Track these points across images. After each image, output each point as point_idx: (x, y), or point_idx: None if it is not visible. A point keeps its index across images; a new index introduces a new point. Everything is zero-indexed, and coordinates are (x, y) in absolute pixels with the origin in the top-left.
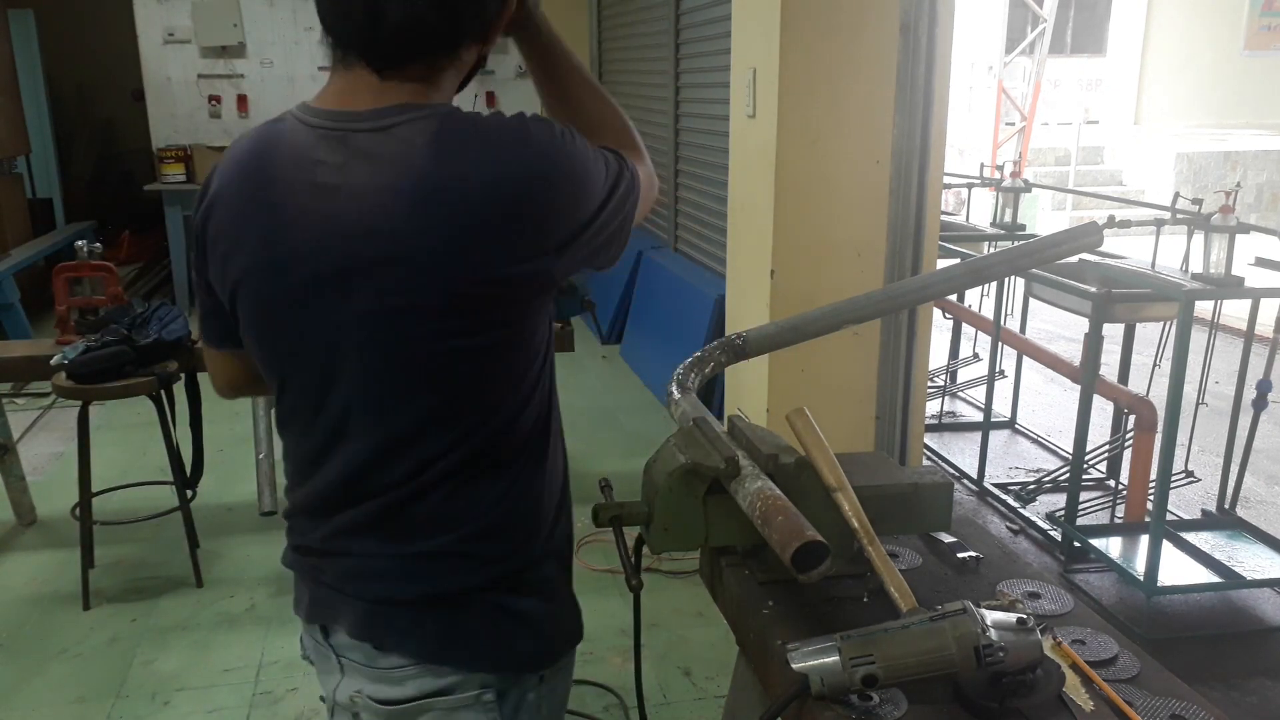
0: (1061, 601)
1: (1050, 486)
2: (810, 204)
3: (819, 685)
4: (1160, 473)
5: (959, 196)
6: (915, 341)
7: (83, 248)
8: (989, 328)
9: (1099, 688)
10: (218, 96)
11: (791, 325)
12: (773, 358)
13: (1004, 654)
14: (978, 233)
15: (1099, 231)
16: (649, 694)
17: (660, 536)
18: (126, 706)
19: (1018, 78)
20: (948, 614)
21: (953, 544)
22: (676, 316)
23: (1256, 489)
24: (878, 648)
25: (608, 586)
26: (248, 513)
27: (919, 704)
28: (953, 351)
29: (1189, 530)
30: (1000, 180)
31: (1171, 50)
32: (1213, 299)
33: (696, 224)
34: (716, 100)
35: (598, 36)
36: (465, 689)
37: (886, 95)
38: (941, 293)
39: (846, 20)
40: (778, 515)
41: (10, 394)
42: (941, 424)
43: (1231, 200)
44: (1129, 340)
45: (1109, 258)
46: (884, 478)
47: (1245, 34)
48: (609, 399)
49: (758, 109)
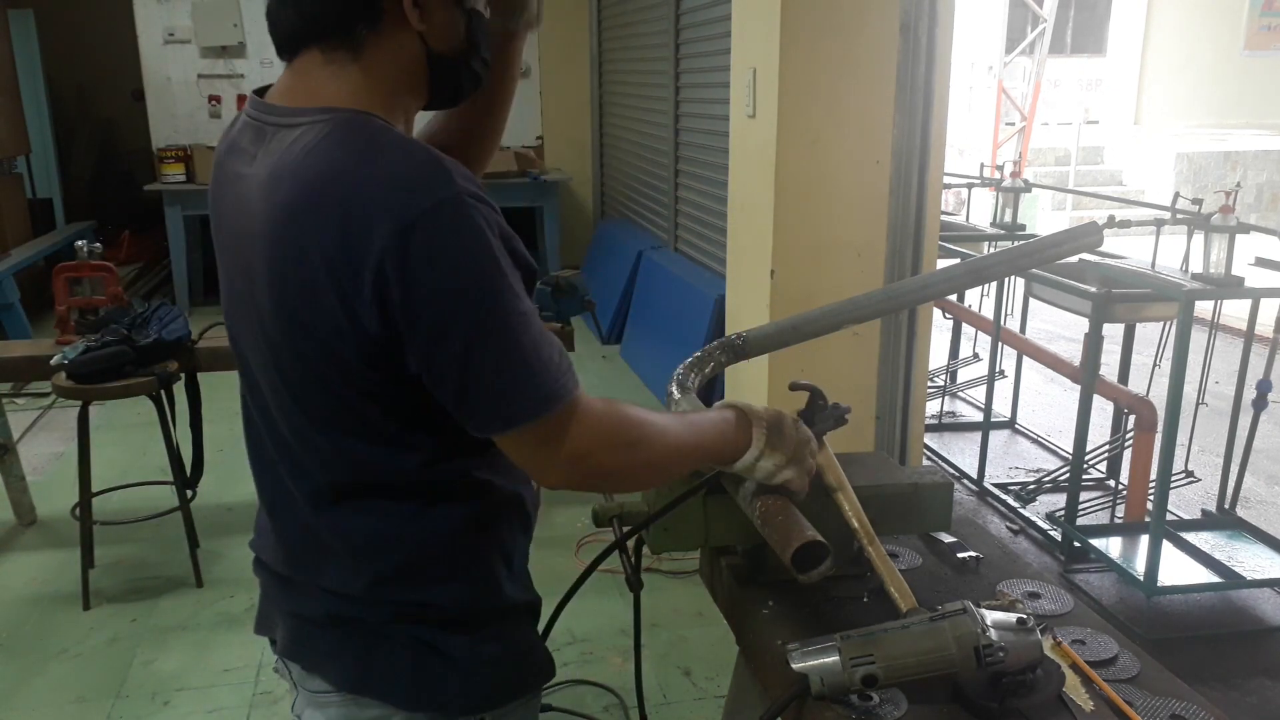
0: (1061, 601)
1: (1050, 486)
2: (810, 204)
3: (819, 685)
4: (1160, 473)
5: (959, 196)
6: (915, 341)
7: (83, 248)
8: (989, 328)
9: (1099, 688)
10: (218, 96)
11: (791, 325)
12: (773, 358)
13: (1004, 654)
14: (978, 233)
15: (1099, 231)
16: (649, 694)
17: (660, 536)
18: (126, 706)
19: (1018, 78)
20: (948, 614)
21: (953, 544)
22: (676, 316)
23: (1256, 489)
24: (878, 648)
25: (608, 586)
26: (248, 513)
27: (919, 704)
28: (953, 351)
29: (1189, 530)
30: (1000, 180)
31: (1171, 50)
32: (1213, 299)
33: (696, 224)
34: (716, 100)
35: (598, 36)
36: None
37: (886, 95)
38: (941, 293)
39: (846, 20)
40: (778, 516)
41: (10, 394)
42: (941, 424)
43: (1231, 200)
44: (1129, 340)
45: (1109, 258)
46: (884, 478)
47: (1245, 34)
48: None
49: (758, 109)
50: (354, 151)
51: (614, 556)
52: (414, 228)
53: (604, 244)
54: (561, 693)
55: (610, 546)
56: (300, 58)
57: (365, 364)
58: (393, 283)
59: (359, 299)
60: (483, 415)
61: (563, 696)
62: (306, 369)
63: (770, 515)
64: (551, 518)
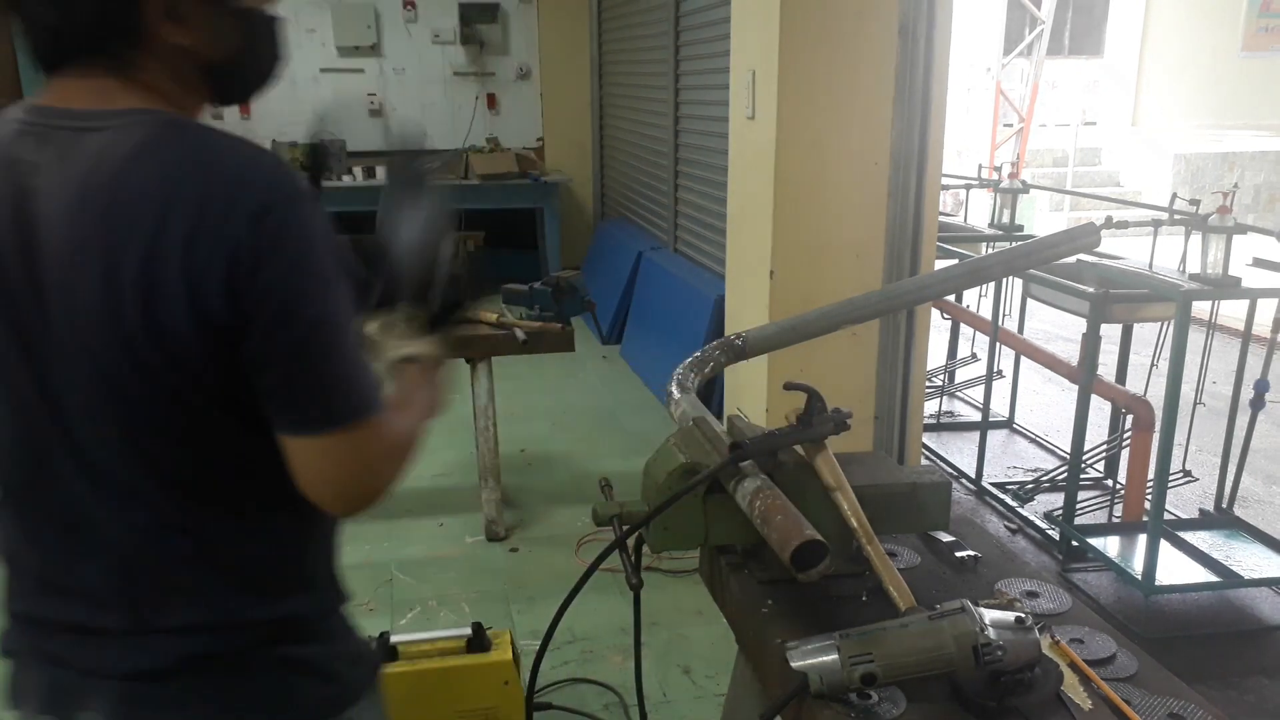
0: (1059, 600)
1: (1048, 486)
2: (809, 205)
3: (818, 684)
4: (1158, 472)
5: (957, 197)
6: (914, 342)
7: None
8: (987, 328)
9: (1097, 686)
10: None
11: (791, 326)
12: (772, 358)
13: (1002, 653)
14: (976, 234)
15: (1097, 232)
16: (649, 692)
17: (660, 536)
18: None
19: (1016, 79)
20: (946, 613)
21: (951, 543)
22: (676, 317)
23: (1254, 488)
24: (876, 646)
25: (608, 586)
26: None
27: (917, 702)
28: (951, 352)
29: (1187, 529)
30: (998, 181)
31: (1169, 51)
32: (1210, 299)
33: (696, 224)
34: (716, 101)
35: (598, 37)
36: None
37: (885, 97)
38: (940, 293)
39: (846, 22)
40: (777, 515)
41: None
42: (940, 424)
43: (1229, 201)
44: (1126, 340)
45: (1106, 258)
46: (883, 477)
47: (1243, 35)
48: (609, 399)
49: (757, 110)
50: (193, 150)
51: (614, 555)
52: (267, 217)
53: (604, 244)
54: (562, 691)
55: (610, 546)
56: (73, 67)
57: (213, 361)
58: (245, 269)
59: (210, 288)
60: (303, 408)
61: (563, 695)
62: (154, 384)
63: (769, 514)
64: (552, 517)
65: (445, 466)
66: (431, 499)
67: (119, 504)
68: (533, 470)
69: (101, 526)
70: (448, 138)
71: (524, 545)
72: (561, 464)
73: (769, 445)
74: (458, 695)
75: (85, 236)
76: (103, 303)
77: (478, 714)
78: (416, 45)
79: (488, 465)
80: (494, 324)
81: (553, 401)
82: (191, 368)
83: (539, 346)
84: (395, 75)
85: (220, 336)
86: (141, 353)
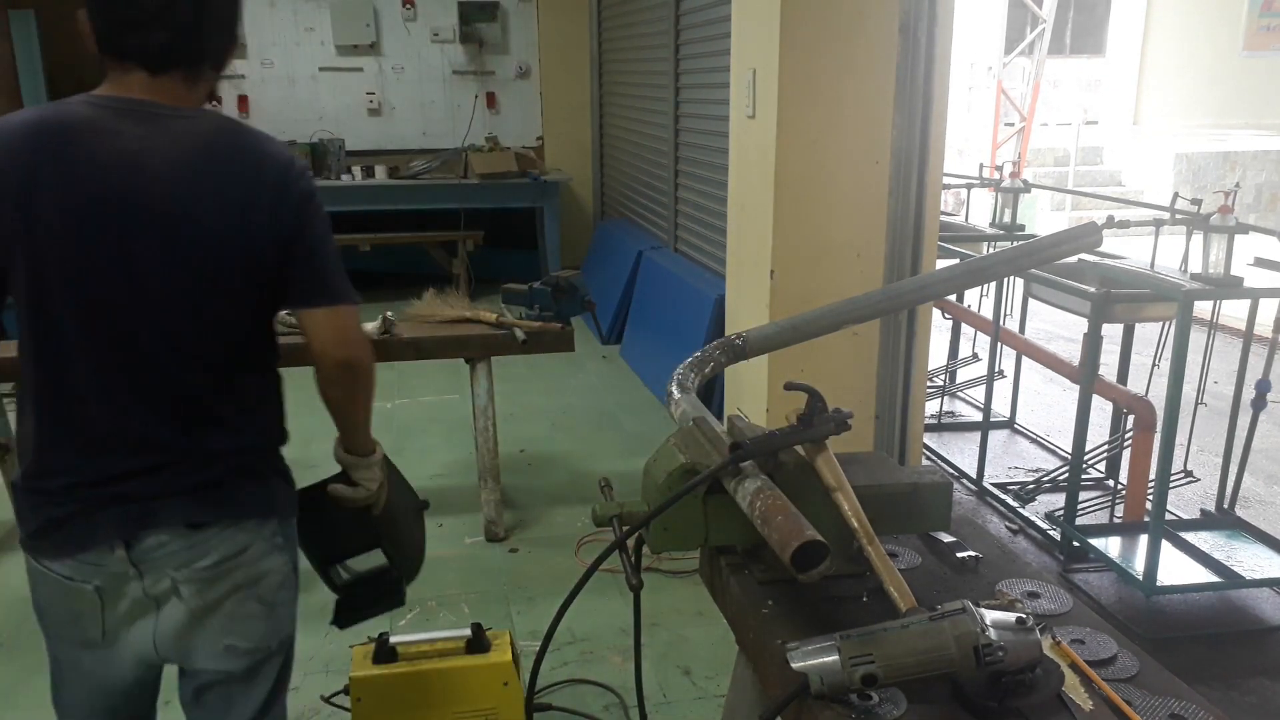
0: (1060, 601)
1: (1049, 486)
2: (810, 204)
3: (818, 684)
4: (1159, 472)
5: (958, 197)
6: (914, 341)
7: None
8: (988, 328)
9: (1098, 687)
10: (218, 96)
11: (791, 325)
12: (772, 358)
13: (1003, 653)
14: (977, 233)
15: (1098, 232)
16: (649, 693)
17: (660, 536)
18: None
19: (1017, 78)
20: (947, 613)
21: (952, 543)
22: (676, 316)
23: (1255, 489)
24: (877, 647)
25: (608, 586)
26: None
27: (918, 703)
28: (952, 351)
29: (1188, 530)
30: (999, 181)
31: (1171, 51)
32: (1211, 299)
33: (696, 224)
34: (716, 100)
35: (598, 37)
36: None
37: (886, 96)
38: (941, 293)
39: (846, 21)
40: (777, 515)
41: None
42: (941, 424)
43: (1230, 200)
44: (1128, 340)
45: (1108, 258)
46: (883, 477)
47: (1244, 34)
48: (609, 399)
49: (757, 109)
50: (254, 136)
51: (614, 556)
52: (302, 176)
53: (604, 244)
54: (562, 692)
55: (610, 546)
56: (169, 74)
57: (274, 258)
58: (297, 208)
59: (283, 217)
60: (318, 290)
61: (563, 696)
62: (239, 271)
63: (770, 515)
64: (551, 517)
65: (444, 467)
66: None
67: (190, 366)
68: (532, 470)
69: (175, 385)
70: (447, 137)
71: (524, 546)
72: (561, 464)
73: (769, 445)
74: (457, 696)
75: (197, 180)
76: (216, 219)
77: (477, 715)
78: (416, 44)
79: (487, 465)
80: (494, 324)
81: (552, 402)
82: (263, 260)
83: (539, 346)
84: (394, 74)
85: (280, 244)
86: (234, 250)
